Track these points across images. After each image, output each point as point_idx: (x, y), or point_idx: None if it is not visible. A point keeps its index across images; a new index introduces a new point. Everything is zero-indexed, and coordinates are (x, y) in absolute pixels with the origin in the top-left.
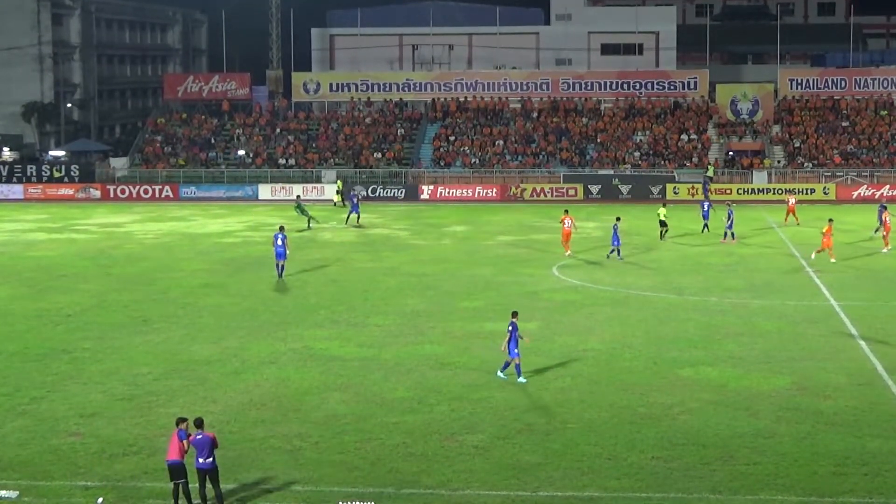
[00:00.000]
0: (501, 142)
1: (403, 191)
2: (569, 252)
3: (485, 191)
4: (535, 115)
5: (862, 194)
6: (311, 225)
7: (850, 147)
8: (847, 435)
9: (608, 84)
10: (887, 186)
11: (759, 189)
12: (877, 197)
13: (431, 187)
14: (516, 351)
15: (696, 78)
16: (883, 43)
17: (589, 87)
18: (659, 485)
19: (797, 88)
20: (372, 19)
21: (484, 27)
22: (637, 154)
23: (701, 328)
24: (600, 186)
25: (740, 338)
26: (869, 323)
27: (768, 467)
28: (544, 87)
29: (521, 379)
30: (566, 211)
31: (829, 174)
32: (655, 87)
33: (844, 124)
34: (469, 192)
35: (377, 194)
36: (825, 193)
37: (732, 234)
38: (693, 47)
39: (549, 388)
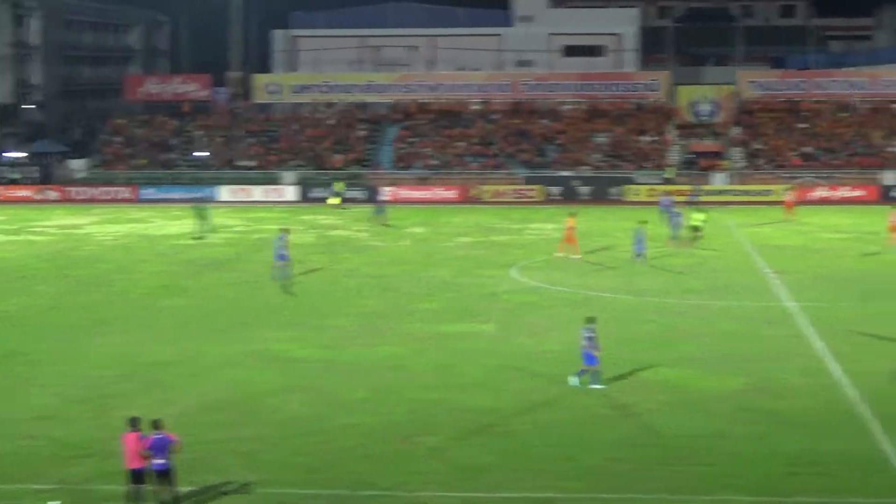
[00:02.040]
0: (462, 143)
1: (364, 192)
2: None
3: (445, 192)
4: (495, 116)
5: (821, 196)
6: (202, 234)
7: (809, 149)
8: (802, 435)
9: (569, 86)
10: (847, 188)
11: (717, 191)
12: None
13: (391, 189)
14: (595, 356)
15: (657, 80)
16: (843, 45)
17: (550, 89)
18: (616, 485)
19: (757, 90)
20: (334, 21)
21: (446, 29)
22: (597, 155)
23: (660, 329)
24: (560, 188)
25: (699, 339)
26: (827, 324)
27: (723, 467)
28: (505, 88)
29: (598, 385)
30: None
31: (788, 176)
32: (617, 88)
33: (804, 126)
34: (429, 193)
35: (327, 195)
36: (781, 195)
37: (677, 237)
38: (655, 49)
39: (507, 389)
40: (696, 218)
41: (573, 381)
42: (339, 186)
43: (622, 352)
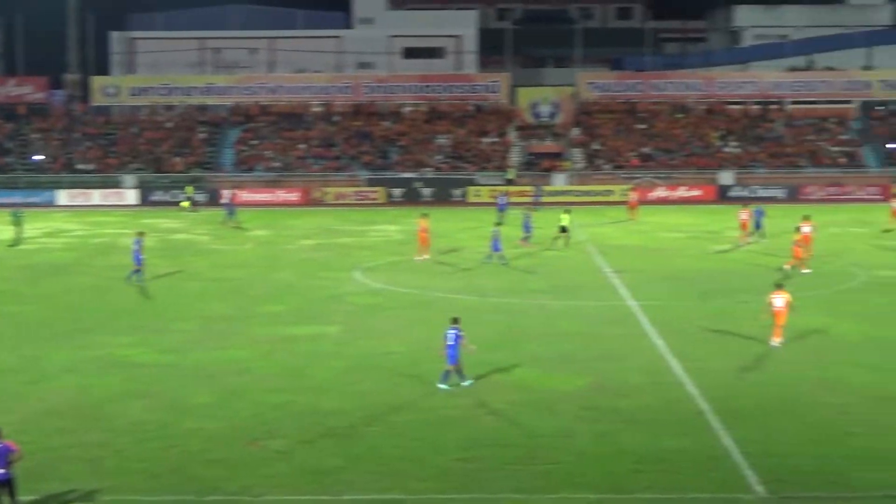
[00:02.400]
0: (303, 145)
1: (205, 195)
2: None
3: (287, 195)
4: (337, 118)
5: (659, 196)
6: (17, 241)
7: (647, 149)
8: (644, 433)
9: (410, 87)
10: (684, 188)
11: (559, 191)
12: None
13: (232, 192)
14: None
15: (497, 81)
16: (678, 47)
17: (391, 91)
18: (462, 486)
19: (596, 91)
20: (173, 22)
21: (286, 31)
22: (439, 157)
23: (503, 330)
24: (402, 189)
25: (542, 339)
26: (665, 322)
27: (568, 466)
28: (346, 90)
29: (466, 383)
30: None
31: (627, 176)
32: (457, 90)
33: (642, 127)
34: (271, 196)
35: (178, 199)
36: (624, 195)
37: (528, 238)
38: (494, 51)
39: (352, 391)
40: (564, 218)
41: (443, 386)
42: (189, 190)
43: (464, 353)
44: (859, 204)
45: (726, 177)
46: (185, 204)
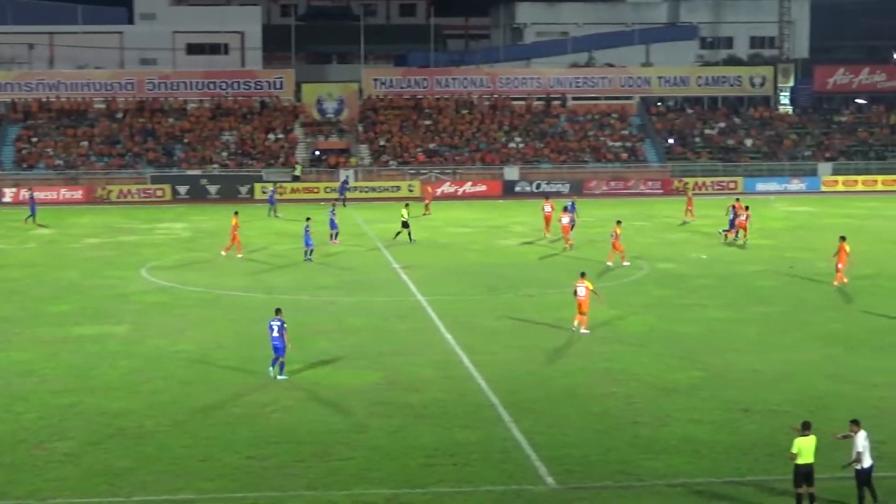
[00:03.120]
0: (86, 143)
1: None
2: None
3: (70, 193)
4: (120, 115)
5: (445, 191)
6: None
7: (433, 145)
8: (436, 427)
9: (194, 84)
10: (469, 183)
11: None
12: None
13: (14, 190)
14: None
15: (282, 78)
16: (462, 43)
17: (175, 87)
18: (254, 484)
19: (381, 88)
20: None
21: (65, 26)
22: (225, 154)
23: (292, 327)
24: (188, 187)
25: (331, 335)
26: (454, 317)
27: (361, 462)
28: (129, 87)
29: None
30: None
31: (414, 172)
32: (242, 86)
33: (427, 123)
34: (54, 194)
35: None
36: (410, 191)
37: (335, 235)
38: (279, 47)
39: (141, 390)
40: (403, 214)
41: (273, 373)
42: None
43: (254, 350)
44: (641, 198)
45: (511, 172)
46: None
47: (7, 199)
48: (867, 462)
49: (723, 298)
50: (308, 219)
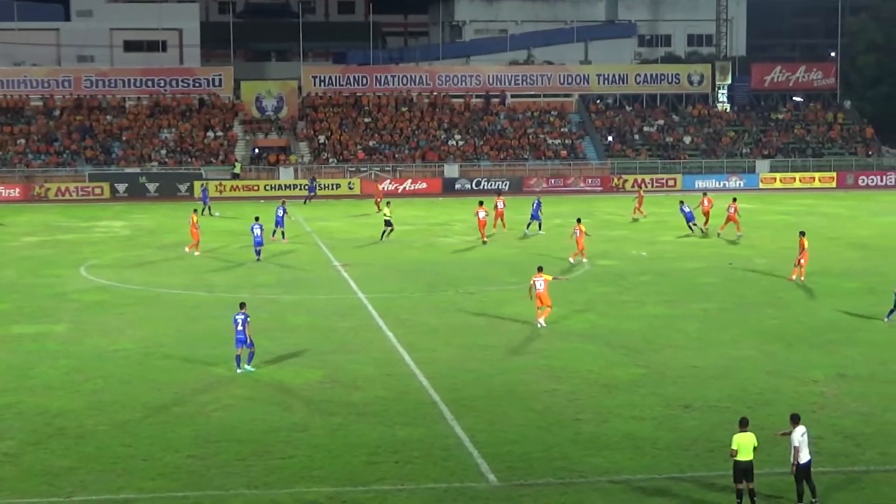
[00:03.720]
0: (23, 140)
1: None
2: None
3: (7, 191)
4: (57, 113)
5: (386, 188)
6: None
7: (373, 142)
8: (378, 424)
9: (132, 81)
10: (409, 181)
11: (285, 185)
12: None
13: None
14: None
15: (220, 75)
16: (401, 41)
17: (113, 85)
18: (195, 483)
19: (320, 85)
20: None
21: (1, 22)
22: (164, 151)
23: (230, 326)
24: (127, 184)
25: (272, 333)
26: (395, 314)
27: (303, 460)
28: (66, 84)
29: (249, 367)
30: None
31: (354, 169)
32: (180, 84)
33: (367, 120)
34: None
35: None
36: (350, 188)
37: (283, 233)
38: (217, 45)
39: (81, 390)
40: (386, 211)
41: (247, 368)
42: None
43: (195, 349)
44: (581, 195)
45: (451, 169)
46: None
47: None
48: (805, 457)
49: (662, 295)
50: (257, 218)
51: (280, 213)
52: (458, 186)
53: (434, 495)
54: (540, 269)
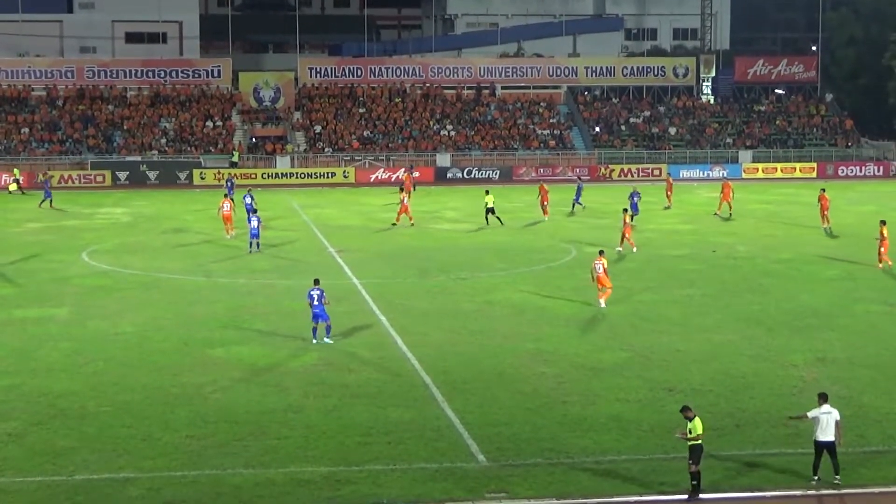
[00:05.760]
0: (27, 129)
1: None
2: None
3: (11, 179)
4: (60, 102)
5: (379, 177)
6: None
7: (368, 132)
8: (371, 406)
9: (133, 72)
10: (402, 169)
11: (282, 174)
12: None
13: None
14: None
15: (219, 66)
16: (394, 34)
17: (114, 75)
18: (193, 462)
19: (316, 77)
20: None
21: (5, 14)
22: (164, 140)
23: (230, 309)
24: (128, 172)
25: (268, 317)
26: (388, 299)
27: (298, 440)
28: (69, 74)
29: (328, 339)
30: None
31: (349, 158)
32: (180, 74)
33: (361, 111)
34: None
35: None
36: (345, 177)
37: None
38: (216, 36)
39: (82, 372)
40: (488, 199)
41: (325, 340)
42: (16, 173)
43: (193, 332)
44: (569, 184)
45: (443, 159)
46: (13, 187)
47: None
48: (827, 436)
49: (647, 281)
50: (255, 210)
51: (248, 200)
52: (449, 175)
53: (426, 474)
54: (601, 253)
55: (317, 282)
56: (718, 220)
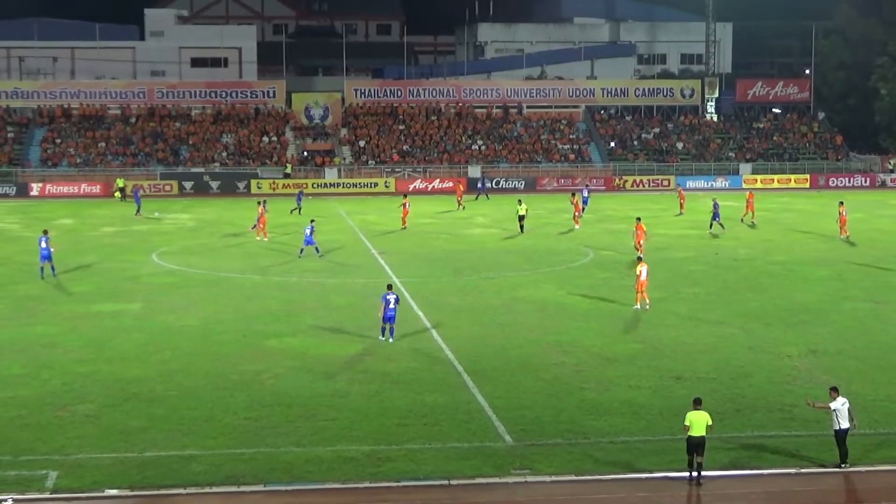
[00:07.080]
0: (103, 144)
1: (14, 188)
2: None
3: (90, 187)
4: (133, 120)
5: (417, 187)
6: None
7: (406, 147)
8: (409, 391)
9: (198, 93)
10: (437, 180)
11: (330, 183)
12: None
13: (40, 185)
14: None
15: (274, 88)
16: (431, 59)
17: (181, 96)
18: (251, 441)
19: (361, 97)
20: None
21: (84, 42)
22: (225, 154)
23: (283, 304)
24: (193, 182)
25: (317, 311)
26: (424, 296)
27: (344, 422)
28: (141, 95)
29: (392, 339)
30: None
31: (389, 170)
32: (239, 95)
33: (401, 127)
34: (75, 188)
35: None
36: (386, 186)
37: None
38: (271, 61)
39: (152, 360)
40: (520, 209)
41: (390, 339)
42: (119, 182)
43: (250, 325)
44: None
45: (474, 171)
46: (117, 195)
47: (34, 192)
48: (843, 424)
49: (657, 280)
50: (312, 220)
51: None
52: (479, 185)
53: (458, 453)
54: (640, 259)
55: (390, 287)
56: (731, 225)
